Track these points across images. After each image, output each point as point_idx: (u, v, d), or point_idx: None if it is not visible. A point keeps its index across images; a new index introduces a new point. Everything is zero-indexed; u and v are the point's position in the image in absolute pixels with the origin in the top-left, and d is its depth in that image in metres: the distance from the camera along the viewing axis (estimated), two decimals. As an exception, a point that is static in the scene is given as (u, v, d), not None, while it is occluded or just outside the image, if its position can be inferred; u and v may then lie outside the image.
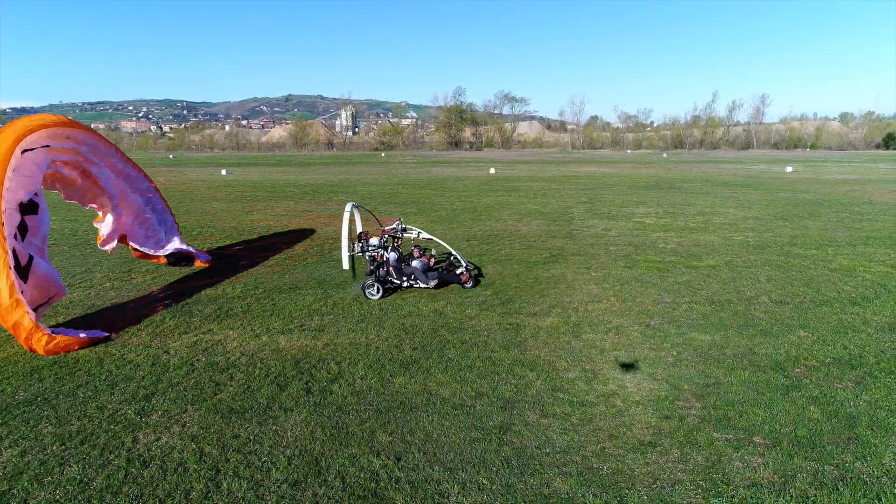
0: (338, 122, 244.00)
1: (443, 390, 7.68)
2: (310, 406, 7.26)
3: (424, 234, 13.52)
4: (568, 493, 5.47)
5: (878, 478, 5.68)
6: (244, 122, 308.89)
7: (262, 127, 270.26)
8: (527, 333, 9.84)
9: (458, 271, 12.90)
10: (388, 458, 6.08)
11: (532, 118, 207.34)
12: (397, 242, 13.24)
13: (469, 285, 12.75)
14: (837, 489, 5.50)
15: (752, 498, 5.38)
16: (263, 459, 6.08)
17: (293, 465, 5.96)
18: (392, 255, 12.71)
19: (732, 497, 5.40)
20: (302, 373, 8.25)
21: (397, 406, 7.26)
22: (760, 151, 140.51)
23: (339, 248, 16.70)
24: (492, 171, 56.40)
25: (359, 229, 13.93)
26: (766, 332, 9.82)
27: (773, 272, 13.91)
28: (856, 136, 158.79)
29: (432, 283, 12.61)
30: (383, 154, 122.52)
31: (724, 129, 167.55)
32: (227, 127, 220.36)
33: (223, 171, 54.67)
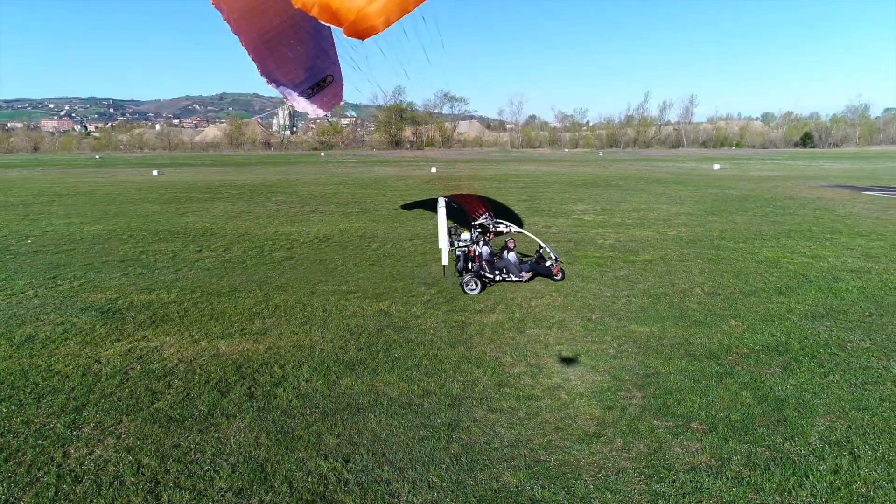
0: (275, 122, 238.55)
1: (390, 390, 7.63)
2: (253, 411, 7.07)
3: (515, 228, 13.53)
4: (517, 487, 5.54)
5: (805, 456, 6.01)
6: (176, 122, 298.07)
7: (196, 126, 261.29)
8: (472, 331, 9.90)
9: (548, 263, 13.17)
10: (336, 461, 5.99)
11: (472, 117, 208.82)
12: (488, 236, 13.23)
13: (559, 277, 13.03)
14: (769, 469, 5.79)
15: (691, 482, 5.59)
16: (206, 468, 5.88)
17: (237, 473, 5.79)
18: (485, 250, 12.77)
19: (673, 482, 5.59)
20: (244, 378, 8.03)
21: (344, 408, 7.16)
22: (690, 150, 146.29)
23: (279, 249, 16.37)
24: (433, 170, 56.50)
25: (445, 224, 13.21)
26: (700, 322, 10.23)
27: (704, 265, 14.51)
28: (776, 135, 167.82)
29: (526, 276, 12.86)
30: (322, 154, 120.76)
31: (655, 129, 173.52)
32: (157, 126, 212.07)
33: (154, 172, 52.59)
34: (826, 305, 11.09)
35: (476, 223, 13.29)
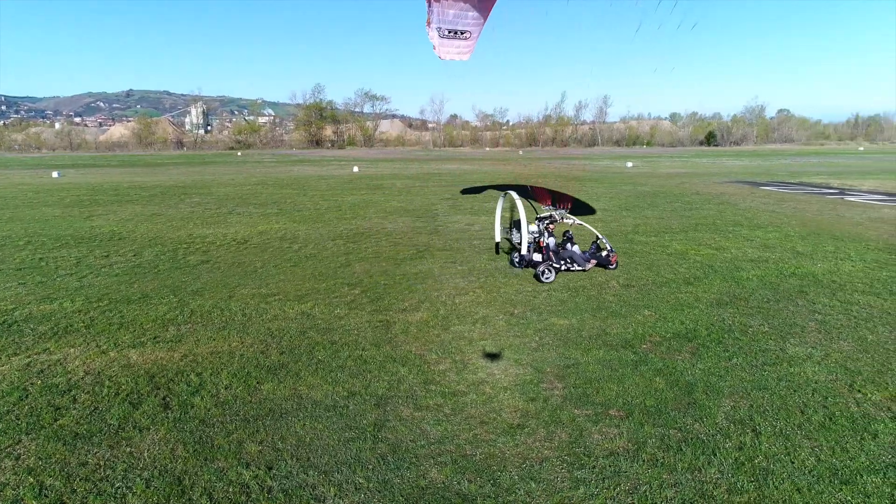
0: (187, 120, 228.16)
1: (314, 393, 7.49)
2: (169, 422, 6.75)
3: (577, 221, 14.25)
4: (444, 483, 5.58)
5: (713, 436, 6.38)
6: (78, 120, 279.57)
7: (100, 125, 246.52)
8: (397, 329, 9.88)
9: (604, 253, 13.97)
10: (259, 468, 5.82)
11: (394, 117, 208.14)
12: (552, 228, 13.87)
13: (613, 266, 13.82)
14: (681, 450, 6.11)
15: (610, 466, 5.82)
16: (117, 485, 5.56)
17: (153, 488, 5.51)
18: (551, 241, 13.56)
19: (594, 467, 5.80)
20: (158, 388, 7.66)
21: (266, 413, 6.97)
22: (605, 148, 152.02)
23: (194, 253, 15.76)
24: (355, 169, 55.91)
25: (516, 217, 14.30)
26: (616, 313, 10.65)
27: (619, 259, 15.10)
28: (683, 134, 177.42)
29: (589, 266, 13.60)
30: (239, 153, 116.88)
31: (572, 128, 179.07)
32: (57, 125, 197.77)
33: (55, 174, 49.12)
34: (730, 293, 11.81)
35: (543, 215, 14.12)
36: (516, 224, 14.14)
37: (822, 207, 25.57)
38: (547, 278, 12.79)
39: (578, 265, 13.45)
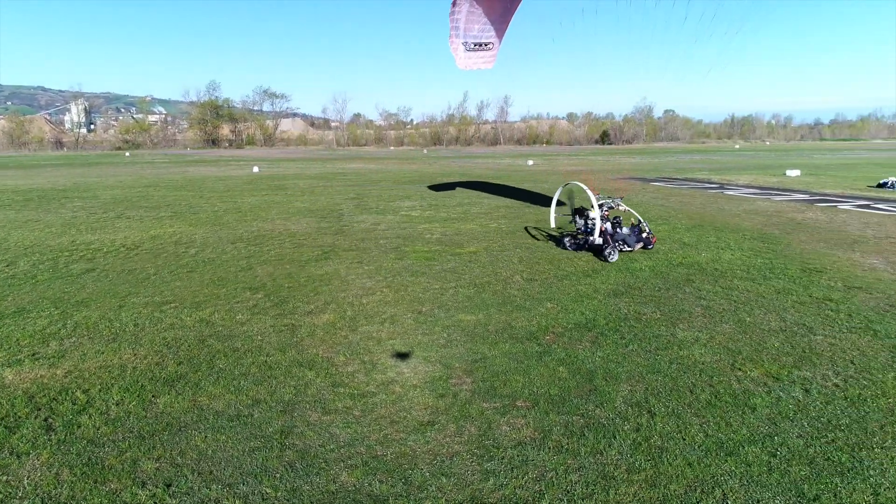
0: (67, 118, 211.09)
1: (215, 403, 7.16)
2: (52, 445, 6.22)
3: (623, 206, 16.32)
4: (355, 485, 5.50)
5: (612, 420, 6.71)
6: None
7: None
8: (303, 333, 9.64)
9: (644, 235, 15.67)
10: (157, 487, 5.49)
11: (295, 115, 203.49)
12: (605, 213, 15.58)
13: (651, 246, 15.76)
14: (584, 435, 6.37)
15: (518, 456, 5.97)
16: (-8, 518, 5.06)
17: (34, 517, 5.06)
18: (608, 225, 15.32)
19: (502, 458, 5.93)
20: (39, 408, 7.04)
21: (163, 428, 6.58)
22: (507, 147, 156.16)
23: (78, 261, 14.72)
24: (255, 169, 54.06)
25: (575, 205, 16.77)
26: (521, 307, 10.95)
27: (523, 254, 15.56)
28: (580, 133, 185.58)
29: (638, 246, 15.52)
30: (127, 154, 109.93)
31: (475, 127, 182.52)
32: None
33: None
34: (625, 284, 12.45)
35: (601, 203, 15.79)
36: (579, 211, 16.11)
37: (705, 201, 27.52)
38: (612, 258, 14.56)
39: (629, 246, 15.34)
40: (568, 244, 16.17)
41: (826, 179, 39.67)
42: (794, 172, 43.21)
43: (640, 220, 16.04)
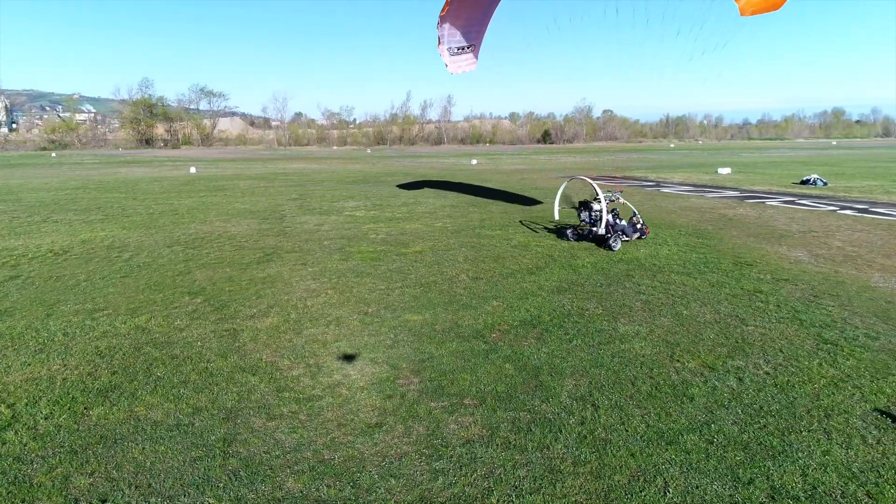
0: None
1: (153, 413, 6.89)
2: (-26, 464, 5.84)
3: (622, 200, 17.77)
4: (302, 491, 5.40)
5: (558, 414, 6.83)
6: None
7: None
8: (246, 337, 9.40)
9: (638, 226, 17.04)
10: (90, 503, 5.23)
11: (234, 114, 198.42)
12: (607, 204, 16.53)
13: (645, 236, 17.14)
14: (531, 430, 6.46)
15: (467, 454, 6.00)
16: None
17: (-46, 543, 4.74)
18: (609, 217, 16.32)
19: (451, 457, 5.94)
20: (-42, 426, 6.60)
21: (97, 441, 6.28)
22: (451, 146, 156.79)
23: (10, 265, 13.95)
24: (192, 170, 52.38)
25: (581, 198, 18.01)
26: (467, 305, 11.01)
27: (468, 252, 15.65)
28: (522, 133, 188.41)
29: (635, 237, 16.80)
30: (54, 154, 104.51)
31: (419, 127, 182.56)
32: None
33: None
34: (568, 280, 12.70)
35: (601, 196, 16.75)
36: (584, 204, 17.34)
37: (643, 198, 28.37)
38: (616, 246, 15.78)
39: (627, 236, 16.53)
40: (570, 235, 17.32)
41: (754, 177, 41.56)
42: (725, 170, 45.12)
43: (634, 213, 17.40)
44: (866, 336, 9.22)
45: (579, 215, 17.46)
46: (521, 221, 21.17)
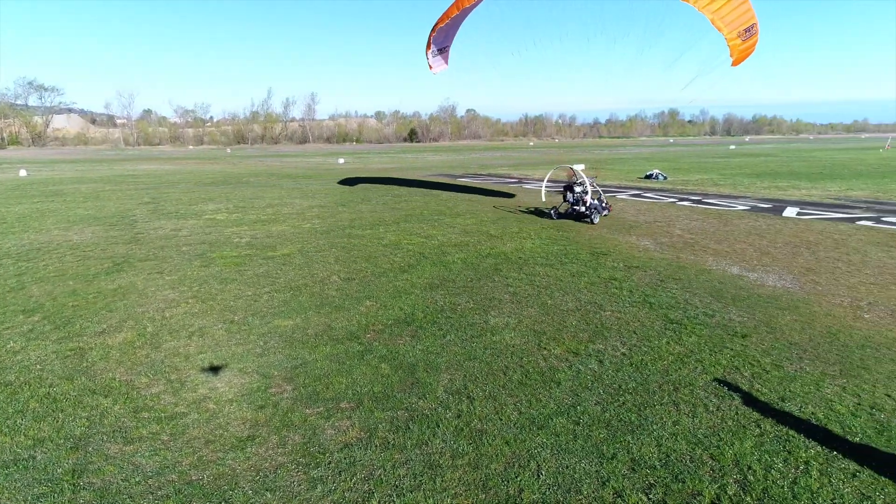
0: None
1: (-16, 450, 6.07)
2: None
3: (596, 185, 21.68)
4: (167, 518, 5.02)
5: (435, 409, 6.91)
6: None
7: None
8: (95, 356, 8.56)
9: (605, 205, 21.02)
10: None
11: (71, 111, 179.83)
12: (582, 188, 20.58)
13: (608, 213, 21.03)
14: (409, 428, 6.48)
15: (345, 459, 5.89)
16: None
17: None
18: (587, 197, 20.22)
19: (329, 463, 5.81)
20: None
21: (-89, 489, 5.41)
22: (316, 145, 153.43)
23: None
24: (22, 172, 46.76)
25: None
26: (340, 307, 10.83)
27: (339, 253, 15.40)
28: (389, 131, 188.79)
29: (604, 213, 20.71)
30: None
31: (282, 125, 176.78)
32: None
33: None
34: (440, 277, 12.91)
35: (581, 181, 20.90)
36: (568, 188, 21.02)
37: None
38: (596, 220, 19.79)
39: (599, 212, 20.12)
40: (553, 214, 21.11)
41: (605, 172, 44.79)
42: (579, 167, 48.02)
43: (601, 195, 21.50)
44: (704, 314, 10.28)
45: (564, 197, 21.07)
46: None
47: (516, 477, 5.58)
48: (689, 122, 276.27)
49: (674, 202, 26.55)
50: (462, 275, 13.10)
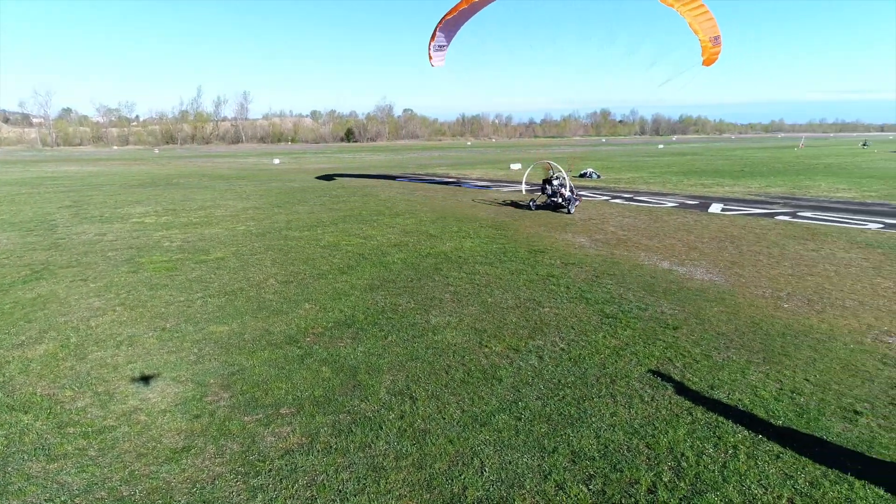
0: None
1: None
2: None
3: (568, 179, 23.59)
4: (96, 537, 4.77)
5: (378, 411, 6.86)
6: None
7: None
8: (13, 370, 8.04)
9: (577, 194, 23.49)
10: None
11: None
12: (559, 181, 23.10)
13: (579, 203, 23.59)
14: (352, 431, 6.40)
15: (287, 465, 5.77)
16: None
17: None
18: (564, 189, 22.56)
19: (270, 471, 5.67)
20: None
21: None
22: (250, 145, 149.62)
23: None
24: (-73, 176, 43.50)
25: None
26: (278, 310, 10.59)
27: (276, 255, 15.07)
28: (325, 131, 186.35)
29: (578, 203, 22.86)
30: None
31: (213, 125, 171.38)
32: None
33: None
34: (380, 277, 12.83)
35: (556, 175, 23.68)
36: (546, 181, 23.34)
37: (446, 195, 29.68)
38: (573, 210, 22.18)
39: (574, 203, 22.38)
40: (532, 206, 23.33)
41: (542, 171, 45.69)
42: (516, 166, 49.09)
43: (572, 188, 23.40)
44: (638, 308, 10.63)
45: (543, 190, 23.34)
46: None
47: (460, 475, 5.60)
48: (620, 121, 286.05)
49: (607, 200, 27.34)
50: (402, 275, 13.06)
